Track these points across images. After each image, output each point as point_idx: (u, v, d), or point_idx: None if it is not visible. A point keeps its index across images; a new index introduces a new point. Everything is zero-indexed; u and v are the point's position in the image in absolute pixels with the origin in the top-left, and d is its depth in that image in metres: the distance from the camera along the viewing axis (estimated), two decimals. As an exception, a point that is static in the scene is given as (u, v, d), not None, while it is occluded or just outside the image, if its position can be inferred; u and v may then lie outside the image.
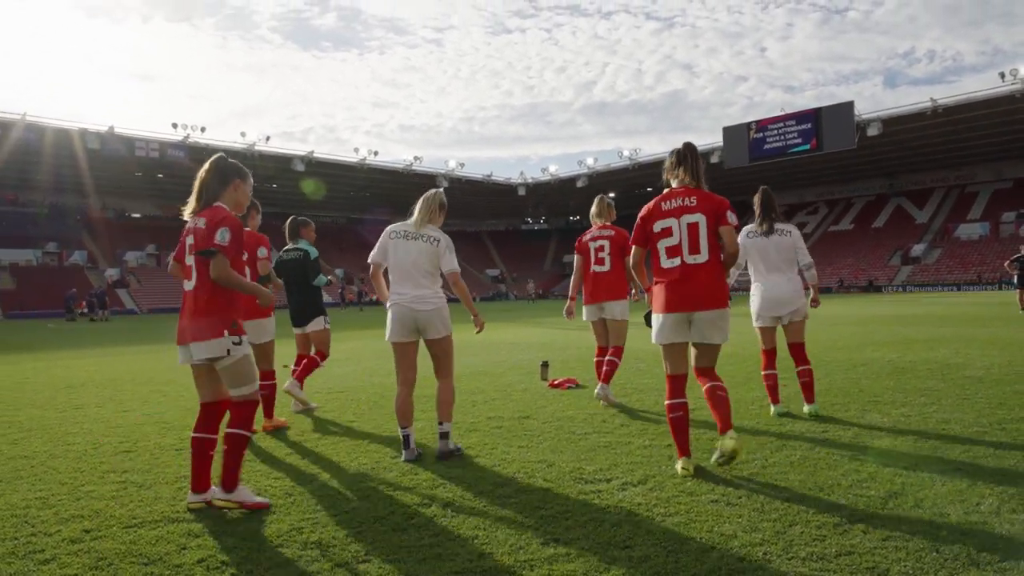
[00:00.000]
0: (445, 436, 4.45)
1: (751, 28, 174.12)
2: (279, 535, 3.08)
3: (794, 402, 5.83)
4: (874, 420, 5.13)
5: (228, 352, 3.48)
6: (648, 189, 64.09)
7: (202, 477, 3.52)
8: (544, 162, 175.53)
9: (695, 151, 4.14)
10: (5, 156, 44.27)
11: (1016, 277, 18.96)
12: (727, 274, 4.24)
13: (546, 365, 7.93)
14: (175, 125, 48.23)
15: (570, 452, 4.45)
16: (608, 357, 6.15)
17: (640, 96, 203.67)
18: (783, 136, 50.04)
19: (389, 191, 64.71)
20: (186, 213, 3.70)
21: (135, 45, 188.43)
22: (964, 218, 55.19)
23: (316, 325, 6.27)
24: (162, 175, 54.84)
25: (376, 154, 56.83)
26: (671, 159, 4.16)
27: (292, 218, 6.43)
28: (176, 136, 48.44)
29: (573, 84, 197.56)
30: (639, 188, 64.91)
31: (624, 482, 3.74)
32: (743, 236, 5.43)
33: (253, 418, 3.64)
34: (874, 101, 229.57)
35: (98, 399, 7.25)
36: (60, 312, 38.18)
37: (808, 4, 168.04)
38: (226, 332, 3.48)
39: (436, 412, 4.46)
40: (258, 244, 5.44)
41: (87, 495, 3.74)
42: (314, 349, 6.34)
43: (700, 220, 3.92)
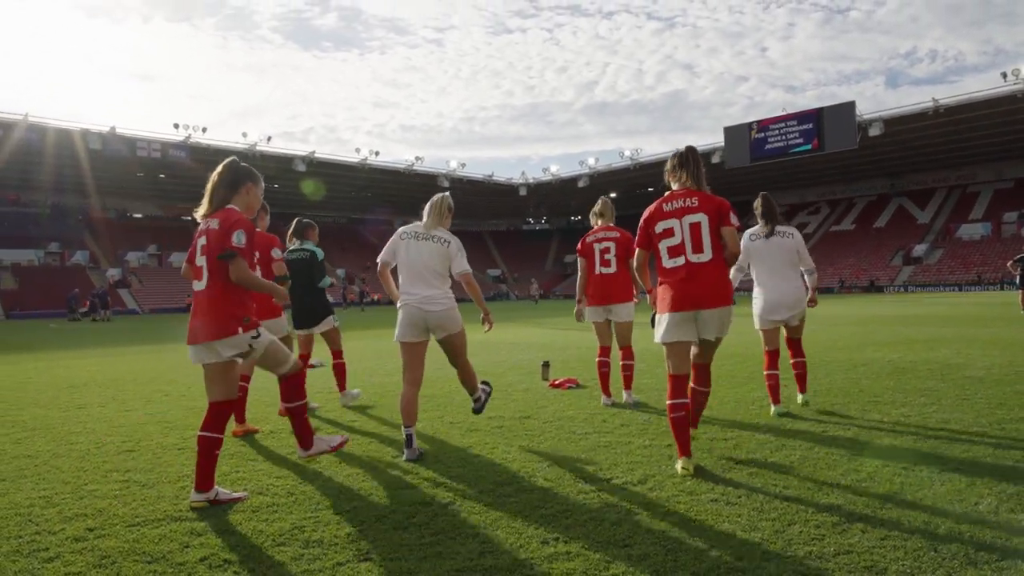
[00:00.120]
0: (478, 399, 4.93)
1: (752, 28, 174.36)
2: (281, 533, 3.11)
3: (794, 403, 5.85)
4: (874, 420, 5.15)
5: (250, 347, 3.66)
6: (649, 189, 64.11)
7: (206, 476, 3.54)
8: (545, 162, 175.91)
9: (696, 155, 4.17)
10: (7, 156, 44.35)
11: (1019, 277, 18.85)
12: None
13: (547, 365, 7.95)
14: (176, 125, 48.54)
15: (570, 452, 4.47)
16: (623, 363, 6.19)
17: (641, 96, 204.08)
18: (784, 136, 50.04)
19: (390, 191, 64.77)
20: (198, 215, 3.75)
21: (135, 45, 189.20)
22: (966, 218, 55.16)
23: (327, 325, 6.36)
24: (164, 175, 54.97)
25: (377, 154, 56.82)
26: (672, 162, 4.18)
27: (298, 219, 6.50)
28: (178, 136, 48.58)
29: (574, 84, 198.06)
30: (640, 188, 64.93)
31: (624, 481, 3.76)
32: (745, 239, 5.45)
33: (304, 385, 4.02)
34: (876, 101, 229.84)
35: (101, 399, 7.28)
36: (62, 312, 38.27)
37: (810, 4, 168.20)
38: (240, 330, 3.60)
39: (465, 388, 4.85)
40: (271, 245, 5.51)
41: (90, 494, 3.76)
42: (328, 349, 6.51)
43: (702, 220, 3.95)
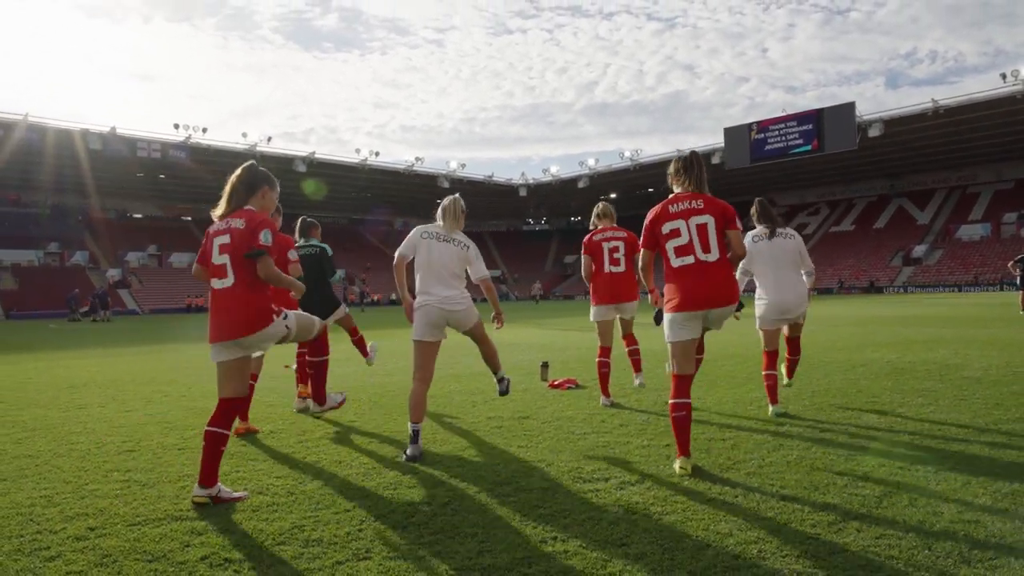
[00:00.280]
0: (502, 380, 5.04)
1: (753, 29, 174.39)
2: (281, 533, 3.13)
3: (792, 403, 5.88)
4: (871, 420, 5.17)
5: (287, 328, 3.83)
6: (649, 190, 64.16)
7: (210, 472, 3.55)
8: (545, 163, 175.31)
9: (700, 159, 4.24)
10: (7, 157, 44.38)
11: (1019, 278, 18.81)
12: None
13: (546, 366, 7.97)
14: (176, 126, 48.54)
15: (569, 452, 4.49)
16: (630, 348, 6.49)
17: (642, 97, 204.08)
18: (784, 137, 50.06)
19: (390, 192, 64.77)
20: (215, 214, 3.81)
21: (135, 45, 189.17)
22: (965, 219, 55.19)
23: (339, 314, 6.46)
24: (164, 176, 55.00)
25: (377, 155, 56.95)
26: (676, 165, 4.25)
27: (302, 218, 6.62)
28: (178, 137, 48.62)
29: (575, 85, 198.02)
30: (640, 189, 64.96)
31: (622, 481, 3.78)
32: (748, 241, 5.52)
33: (327, 340, 4.49)
34: (876, 102, 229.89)
35: (101, 399, 7.29)
36: (62, 313, 38.27)
37: (810, 5, 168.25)
38: (274, 317, 3.74)
39: (489, 367, 5.00)
40: (288, 246, 5.61)
41: (91, 493, 3.78)
42: (348, 334, 6.63)
43: (709, 221, 4.02)
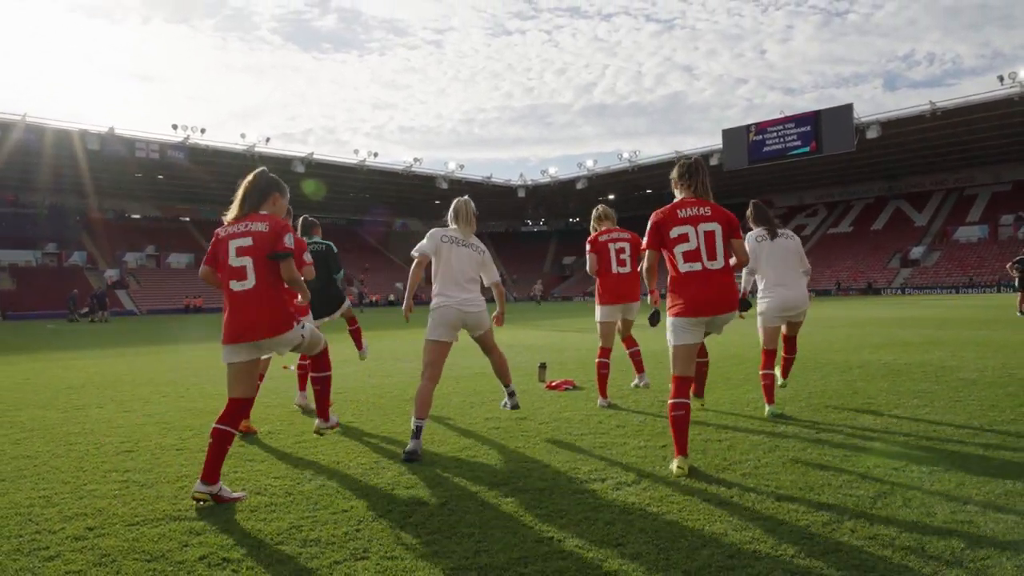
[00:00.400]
0: (513, 394, 5.21)
1: (751, 30, 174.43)
2: (279, 532, 3.14)
3: (789, 404, 5.90)
4: (867, 422, 5.20)
5: (302, 337, 3.98)
6: (647, 191, 64.19)
7: (214, 469, 3.58)
8: (544, 164, 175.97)
9: (704, 167, 4.33)
10: (5, 157, 44.26)
11: (1017, 280, 18.80)
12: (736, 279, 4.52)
13: (544, 367, 7.99)
14: (175, 126, 48.35)
15: (566, 453, 4.51)
16: (632, 350, 6.69)
17: (640, 98, 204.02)
18: (782, 138, 50.12)
19: (389, 192, 64.79)
20: (227, 218, 3.87)
21: (135, 46, 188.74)
22: (963, 221, 55.30)
23: (344, 306, 6.51)
24: (162, 176, 54.93)
25: (376, 155, 56.92)
26: (680, 170, 4.32)
27: (304, 217, 6.62)
28: (176, 137, 48.53)
29: (573, 86, 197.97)
30: (639, 190, 65.00)
31: (618, 482, 3.80)
32: (752, 241, 5.61)
33: (328, 356, 4.56)
34: (874, 104, 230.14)
35: (99, 399, 7.30)
36: (60, 313, 38.24)
37: (808, 6, 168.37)
38: (294, 322, 3.88)
39: (499, 380, 5.19)
40: (302, 248, 5.62)
41: (89, 494, 3.79)
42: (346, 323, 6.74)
43: (716, 229, 4.13)
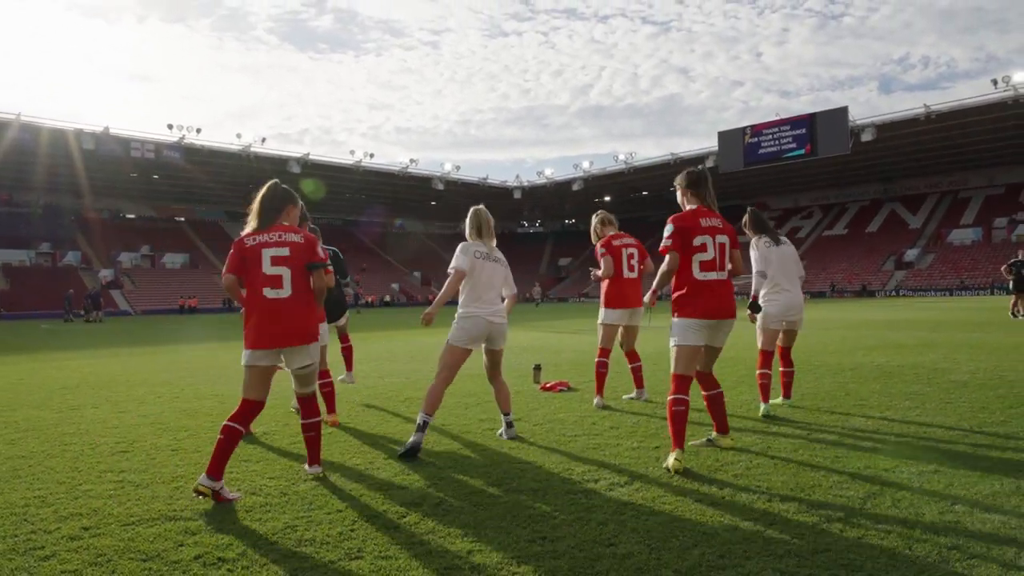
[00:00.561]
0: (511, 425, 5.10)
1: (747, 33, 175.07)
2: (274, 532, 3.16)
3: (781, 405, 5.94)
4: (858, 423, 5.24)
5: (317, 355, 4.01)
6: (643, 193, 64.37)
7: (220, 465, 3.61)
8: (540, 165, 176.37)
9: (709, 177, 4.54)
10: (0, 156, 44.17)
11: (1011, 282, 18.86)
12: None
13: (539, 368, 8.02)
14: (171, 126, 48.33)
15: (560, 454, 4.54)
16: (635, 365, 6.62)
17: (636, 100, 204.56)
18: (778, 141, 50.31)
19: (385, 193, 64.79)
20: (249, 228, 3.93)
21: (134, 46, 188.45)
22: (957, 223, 55.58)
23: (344, 317, 6.55)
24: (157, 176, 54.85)
25: (372, 156, 56.95)
26: (688, 179, 4.48)
27: (306, 225, 6.59)
28: (172, 137, 48.47)
29: (569, 87, 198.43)
30: (634, 192, 65.17)
31: (611, 483, 3.83)
32: (763, 247, 5.71)
33: (317, 404, 4.26)
34: (869, 106, 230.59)
35: (94, 400, 7.30)
36: (54, 313, 38.13)
37: (804, 9, 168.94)
38: (318, 337, 3.98)
39: (500, 407, 5.12)
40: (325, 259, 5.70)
41: (85, 494, 3.80)
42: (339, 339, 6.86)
43: (726, 241, 4.40)
